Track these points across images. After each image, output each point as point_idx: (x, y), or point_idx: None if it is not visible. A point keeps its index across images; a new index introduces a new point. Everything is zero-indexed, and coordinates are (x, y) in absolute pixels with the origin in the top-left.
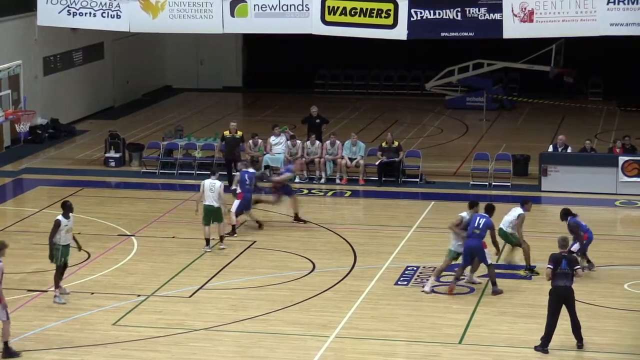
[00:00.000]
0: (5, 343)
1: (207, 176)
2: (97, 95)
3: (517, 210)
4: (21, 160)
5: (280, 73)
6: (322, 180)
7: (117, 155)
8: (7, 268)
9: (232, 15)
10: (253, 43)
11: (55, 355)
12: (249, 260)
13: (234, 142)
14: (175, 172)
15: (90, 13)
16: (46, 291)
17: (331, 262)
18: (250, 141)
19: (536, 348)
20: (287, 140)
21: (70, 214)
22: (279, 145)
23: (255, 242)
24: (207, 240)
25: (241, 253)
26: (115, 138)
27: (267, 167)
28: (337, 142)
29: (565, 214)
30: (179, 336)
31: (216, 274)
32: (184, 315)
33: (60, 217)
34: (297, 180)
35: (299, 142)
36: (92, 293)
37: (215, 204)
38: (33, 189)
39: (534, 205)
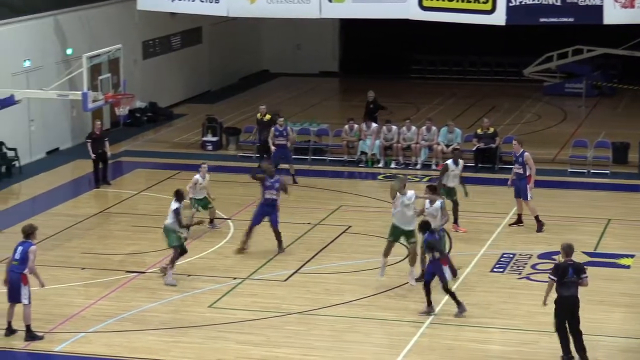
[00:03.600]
0: (28, 326)
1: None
2: (195, 79)
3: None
4: (120, 143)
5: (377, 58)
6: (418, 166)
7: (214, 139)
8: (107, 249)
9: (330, 0)
10: (350, 28)
11: (152, 336)
12: (344, 245)
13: (262, 125)
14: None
15: None
16: (144, 272)
17: None
18: (346, 126)
19: None
20: (383, 126)
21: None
22: (369, 132)
23: (350, 226)
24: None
25: (336, 238)
26: (213, 122)
27: (363, 152)
28: (433, 128)
29: (421, 227)
30: (273, 319)
31: (311, 259)
32: (279, 298)
33: (175, 203)
34: (393, 165)
35: (394, 127)
36: (189, 275)
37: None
38: (132, 172)
39: (633, 193)
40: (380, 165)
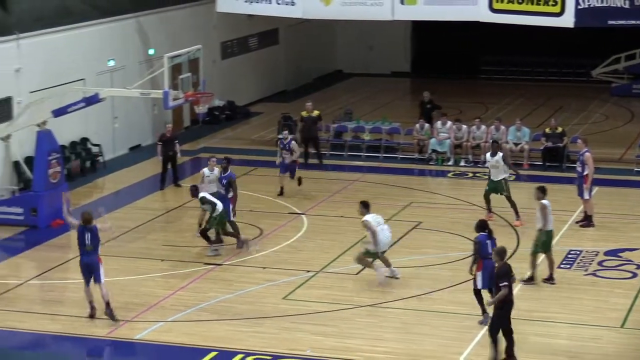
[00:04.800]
0: (108, 303)
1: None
2: (271, 79)
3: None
4: (199, 140)
5: (447, 59)
6: (487, 164)
7: (289, 136)
8: (185, 242)
9: (402, 2)
10: (421, 29)
11: (229, 326)
12: (414, 240)
13: (311, 121)
14: (344, 153)
15: (266, 0)
16: (221, 265)
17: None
18: (417, 125)
19: None
20: (453, 124)
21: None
22: (444, 130)
23: (420, 222)
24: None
25: (407, 233)
26: (288, 120)
27: (433, 151)
28: (502, 127)
29: (477, 227)
30: (345, 311)
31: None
32: (350, 291)
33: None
34: (462, 163)
35: (464, 126)
36: (264, 268)
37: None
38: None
39: None
40: (450, 163)
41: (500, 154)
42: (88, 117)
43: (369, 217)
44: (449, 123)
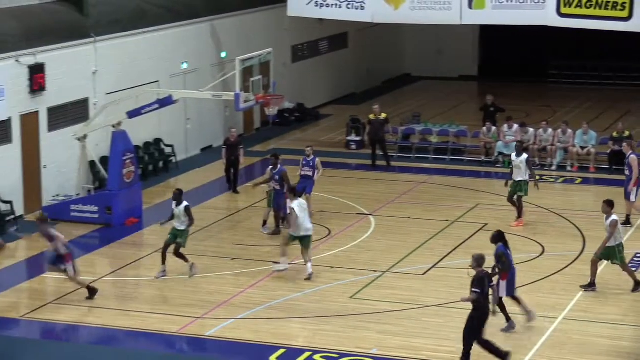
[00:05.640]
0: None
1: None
2: (340, 82)
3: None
4: (269, 142)
5: (515, 63)
6: (553, 167)
7: (358, 138)
8: (255, 241)
9: (470, 7)
10: (489, 33)
11: (297, 324)
12: (480, 241)
13: (378, 123)
14: (411, 155)
15: (336, 5)
16: (290, 264)
17: (560, 246)
18: (484, 128)
19: None
20: (519, 127)
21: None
22: (511, 133)
23: (486, 224)
24: (264, 222)
25: (473, 235)
26: (357, 122)
27: (500, 153)
28: (569, 130)
29: (496, 238)
30: (411, 311)
31: (449, 254)
32: (417, 291)
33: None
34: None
35: (531, 129)
36: (332, 267)
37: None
38: None
39: None
40: None
41: (524, 155)
42: (161, 119)
43: (295, 204)
44: (516, 126)
